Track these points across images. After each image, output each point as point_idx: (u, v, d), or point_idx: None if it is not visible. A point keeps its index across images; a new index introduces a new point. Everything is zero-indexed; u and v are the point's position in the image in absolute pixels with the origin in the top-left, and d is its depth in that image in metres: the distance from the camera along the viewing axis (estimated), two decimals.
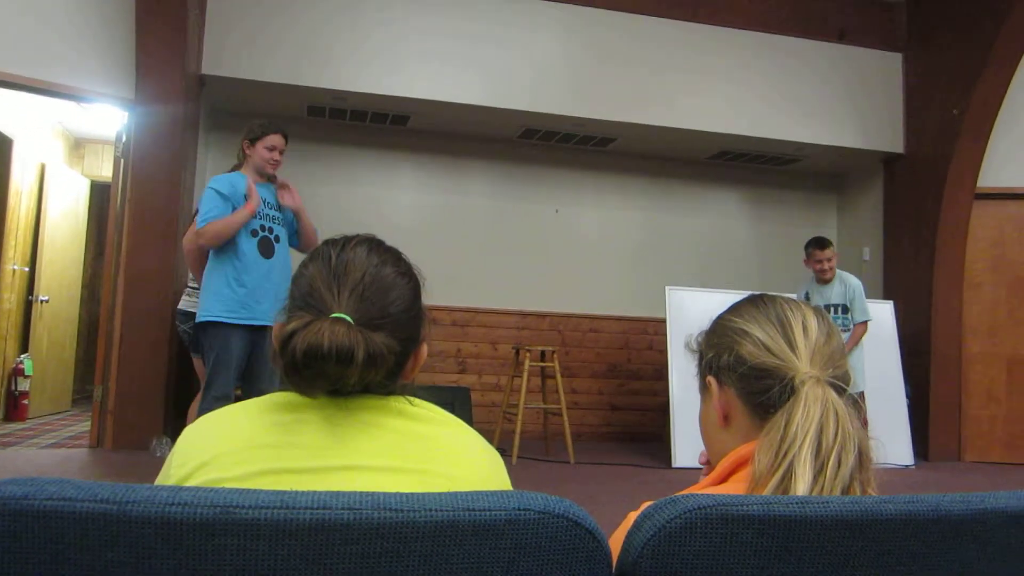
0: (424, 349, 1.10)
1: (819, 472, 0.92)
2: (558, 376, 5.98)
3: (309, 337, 0.92)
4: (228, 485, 0.83)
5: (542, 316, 7.25)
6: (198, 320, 3.94)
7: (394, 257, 1.09)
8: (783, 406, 0.98)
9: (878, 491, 0.94)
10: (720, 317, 1.14)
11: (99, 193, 8.39)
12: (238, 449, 0.93)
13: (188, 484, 0.91)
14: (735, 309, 1.13)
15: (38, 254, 6.96)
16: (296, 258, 4.43)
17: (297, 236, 4.17)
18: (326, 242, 1.09)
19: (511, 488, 0.92)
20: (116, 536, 0.62)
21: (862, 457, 0.95)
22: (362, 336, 0.94)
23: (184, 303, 4.89)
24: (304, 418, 0.96)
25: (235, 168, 4.18)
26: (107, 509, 0.62)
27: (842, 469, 0.92)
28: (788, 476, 0.92)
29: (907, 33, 7.18)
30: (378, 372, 0.96)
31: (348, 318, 0.97)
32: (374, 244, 1.09)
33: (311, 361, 0.92)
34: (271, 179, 4.10)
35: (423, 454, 0.96)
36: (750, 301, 1.13)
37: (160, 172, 5.52)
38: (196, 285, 4.73)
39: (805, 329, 1.05)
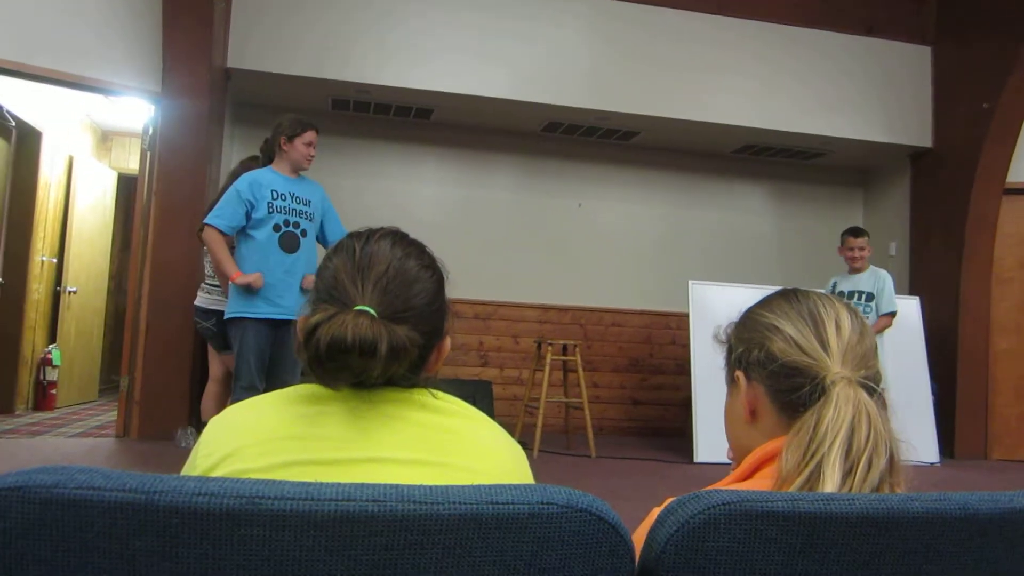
0: (448, 342, 1.10)
1: (848, 473, 0.91)
2: (580, 370, 5.98)
3: (333, 330, 0.92)
4: (253, 476, 0.84)
5: (564, 310, 7.25)
6: (226, 316, 4.04)
7: (418, 250, 1.09)
8: (813, 406, 0.97)
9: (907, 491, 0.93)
10: (751, 310, 1.12)
11: (126, 185, 8.48)
12: (263, 440, 0.93)
13: (213, 475, 0.92)
14: (767, 303, 1.11)
15: (66, 245, 7.04)
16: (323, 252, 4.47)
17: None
18: (350, 235, 1.09)
19: (534, 482, 0.91)
20: (144, 525, 0.63)
21: (893, 459, 0.94)
22: (385, 329, 0.94)
23: (201, 299, 4.90)
24: (328, 410, 0.96)
25: (250, 161, 4.27)
26: (135, 499, 0.63)
27: (872, 472, 0.91)
28: (816, 476, 0.90)
29: (936, 27, 7.08)
30: (401, 365, 0.97)
31: (372, 311, 0.97)
32: (398, 237, 1.09)
33: (335, 353, 0.92)
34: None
35: (446, 447, 0.96)
36: (782, 295, 1.11)
37: (186, 165, 5.57)
38: (213, 282, 4.78)
39: (838, 327, 1.03)
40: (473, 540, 0.67)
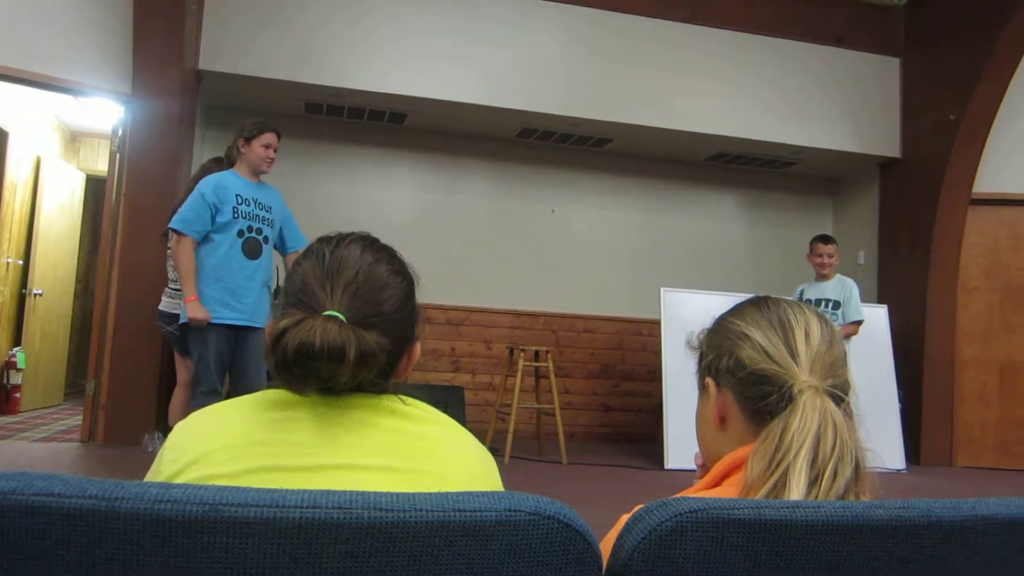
0: (417, 348, 1.09)
1: (814, 482, 0.91)
2: (552, 376, 5.98)
3: (301, 335, 0.92)
4: (218, 482, 0.83)
5: (536, 316, 7.25)
6: (182, 320, 4.00)
7: (388, 255, 1.08)
8: (780, 414, 0.97)
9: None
10: (722, 317, 1.13)
11: (94, 187, 8.37)
12: (228, 446, 0.92)
13: (178, 480, 0.91)
14: (737, 310, 1.11)
15: (32, 247, 6.94)
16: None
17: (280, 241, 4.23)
18: (320, 239, 1.08)
19: (503, 489, 0.91)
20: (105, 532, 0.62)
21: (858, 468, 0.95)
22: (354, 334, 0.94)
23: (165, 304, 4.86)
24: (295, 416, 0.95)
25: (213, 163, 4.25)
26: (95, 505, 0.62)
27: (837, 481, 0.91)
28: (781, 484, 0.91)
29: (905, 37, 7.19)
30: (370, 370, 0.96)
31: (341, 316, 0.96)
32: (368, 242, 1.08)
33: (302, 359, 0.91)
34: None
35: (415, 453, 0.96)
36: (753, 303, 1.11)
37: (156, 167, 5.50)
38: (176, 286, 4.73)
39: (807, 335, 1.03)
40: (440, 548, 0.66)
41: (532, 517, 0.69)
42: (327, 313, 0.96)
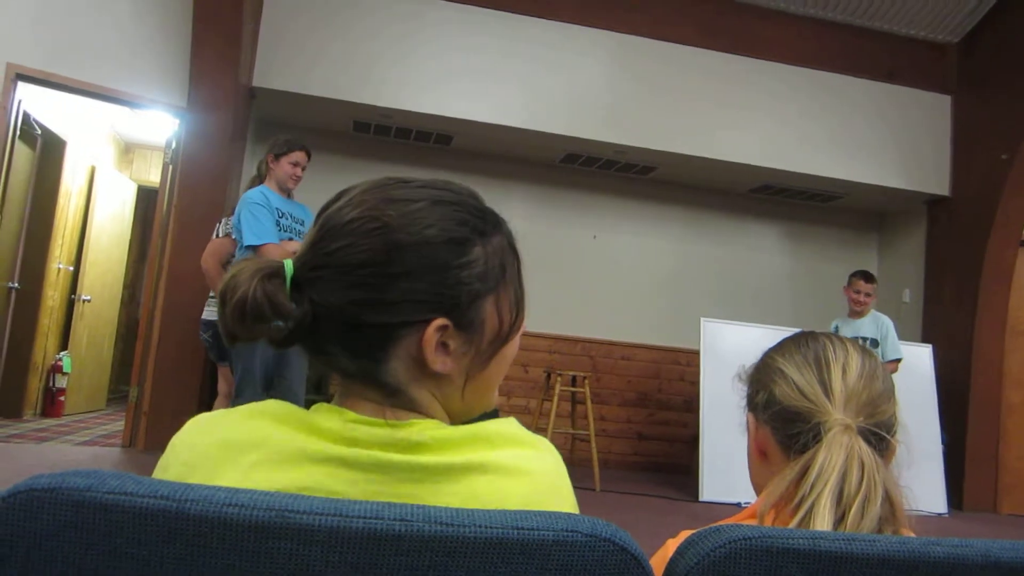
0: (431, 329, 0.80)
1: (840, 521, 0.91)
2: (588, 402, 5.96)
3: (226, 282, 0.81)
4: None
5: (574, 341, 7.24)
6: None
7: (376, 198, 0.85)
8: (809, 449, 0.98)
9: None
10: (766, 353, 1.14)
11: (145, 197, 8.56)
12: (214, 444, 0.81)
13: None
14: (779, 346, 1.13)
15: (83, 254, 7.10)
16: None
17: None
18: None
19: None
20: (174, 533, 0.64)
21: (893, 505, 0.94)
22: (260, 285, 0.79)
23: (208, 313, 4.95)
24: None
25: (254, 179, 4.31)
26: (167, 506, 0.64)
27: (866, 519, 0.91)
28: (806, 521, 0.91)
29: (957, 75, 7.11)
30: (265, 324, 0.80)
31: (289, 267, 0.82)
32: (367, 186, 0.89)
33: (223, 306, 0.81)
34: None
35: None
36: (793, 339, 1.12)
37: (207, 180, 5.62)
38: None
39: (844, 371, 1.03)
40: (497, 564, 0.67)
41: (588, 539, 0.69)
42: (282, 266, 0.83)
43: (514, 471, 0.79)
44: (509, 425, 0.84)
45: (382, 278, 0.79)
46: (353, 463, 0.76)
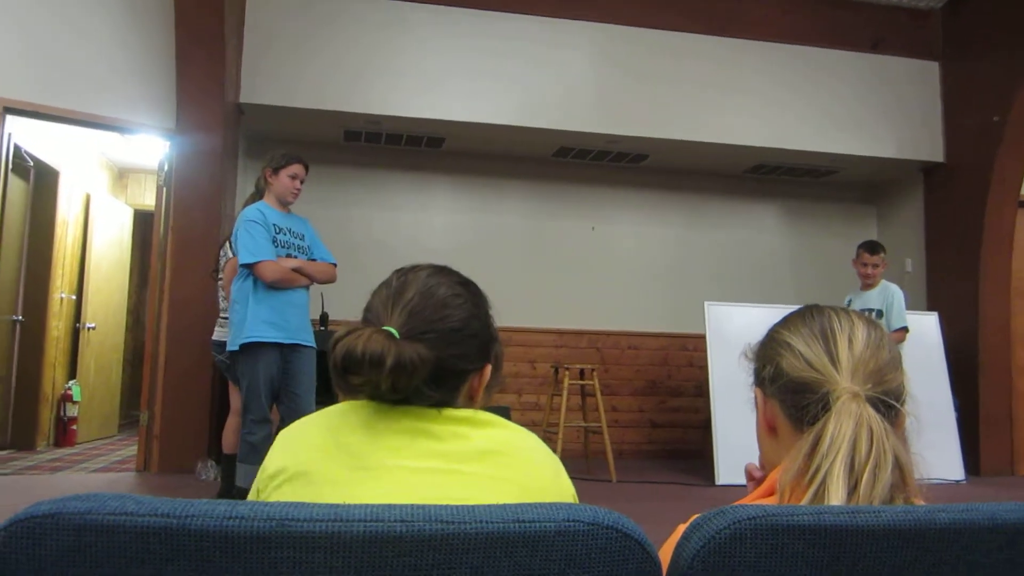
0: (487, 370, 1.16)
1: (853, 489, 0.91)
2: (598, 394, 5.96)
3: (348, 342, 1.00)
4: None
5: (580, 334, 7.24)
6: (229, 348, 4.03)
7: (453, 279, 1.16)
8: (819, 420, 0.98)
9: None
10: (772, 328, 1.14)
11: (142, 221, 8.57)
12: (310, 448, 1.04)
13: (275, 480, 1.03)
14: (785, 321, 1.13)
15: (84, 282, 7.11)
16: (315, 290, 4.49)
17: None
18: (396, 271, 1.18)
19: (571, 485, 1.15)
20: (177, 549, 0.64)
21: (903, 472, 0.94)
22: (395, 345, 1.00)
23: (217, 333, 4.94)
24: (349, 422, 1.04)
25: (253, 196, 4.30)
26: (168, 523, 0.64)
27: (877, 486, 0.91)
28: (821, 493, 0.91)
29: (943, 41, 7.09)
30: (410, 379, 1.01)
31: (394, 330, 1.04)
32: (436, 269, 1.17)
33: (348, 364, 1.00)
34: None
35: (484, 457, 1.02)
36: (799, 313, 1.12)
37: (201, 200, 5.63)
38: (227, 315, 4.81)
39: (851, 342, 1.03)
40: (500, 559, 0.67)
41: (591, 527, 0.70)
42: (384, 328, 1.04)
43: (510, 426, 1.09)
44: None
45: (466, 338, 1.11)
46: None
